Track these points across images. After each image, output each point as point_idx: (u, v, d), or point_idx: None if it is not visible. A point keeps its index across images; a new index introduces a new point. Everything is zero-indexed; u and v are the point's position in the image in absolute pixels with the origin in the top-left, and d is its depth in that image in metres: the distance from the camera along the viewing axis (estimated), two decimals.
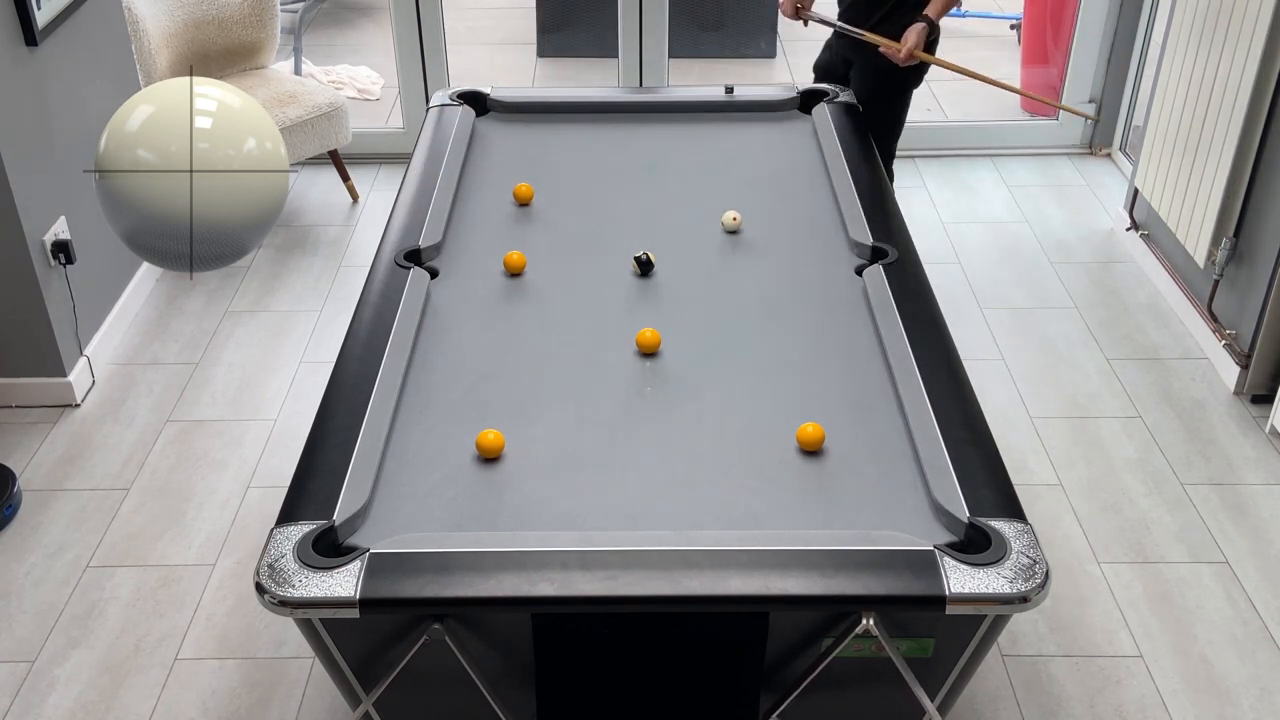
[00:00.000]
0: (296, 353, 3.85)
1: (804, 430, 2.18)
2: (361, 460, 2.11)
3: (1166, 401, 3.58)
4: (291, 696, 2.68)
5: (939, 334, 2.47)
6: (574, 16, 6.15)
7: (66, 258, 3.50)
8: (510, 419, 2.27)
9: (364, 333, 2.48)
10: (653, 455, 2.19)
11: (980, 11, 6.85)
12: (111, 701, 2.67)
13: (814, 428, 2.18)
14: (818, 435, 2.18)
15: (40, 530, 3.13)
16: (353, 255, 4.40)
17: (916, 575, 1.85)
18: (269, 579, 1.85)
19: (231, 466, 3.35)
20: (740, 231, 2.31)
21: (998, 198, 4.77)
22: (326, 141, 4.56)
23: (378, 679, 2.00)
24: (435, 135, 3.33)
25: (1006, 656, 2.76)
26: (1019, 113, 5.55)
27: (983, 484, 2.05)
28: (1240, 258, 3.63)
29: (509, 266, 2.74)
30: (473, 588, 1.84)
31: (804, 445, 2.19)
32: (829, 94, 3.57)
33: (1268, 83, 3.43)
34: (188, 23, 4.40)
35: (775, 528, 2.00)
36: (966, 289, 4.14)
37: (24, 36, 3.29)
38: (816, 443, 2.18)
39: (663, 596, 1.83)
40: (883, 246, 2.77)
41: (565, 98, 3.60)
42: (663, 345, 2.48)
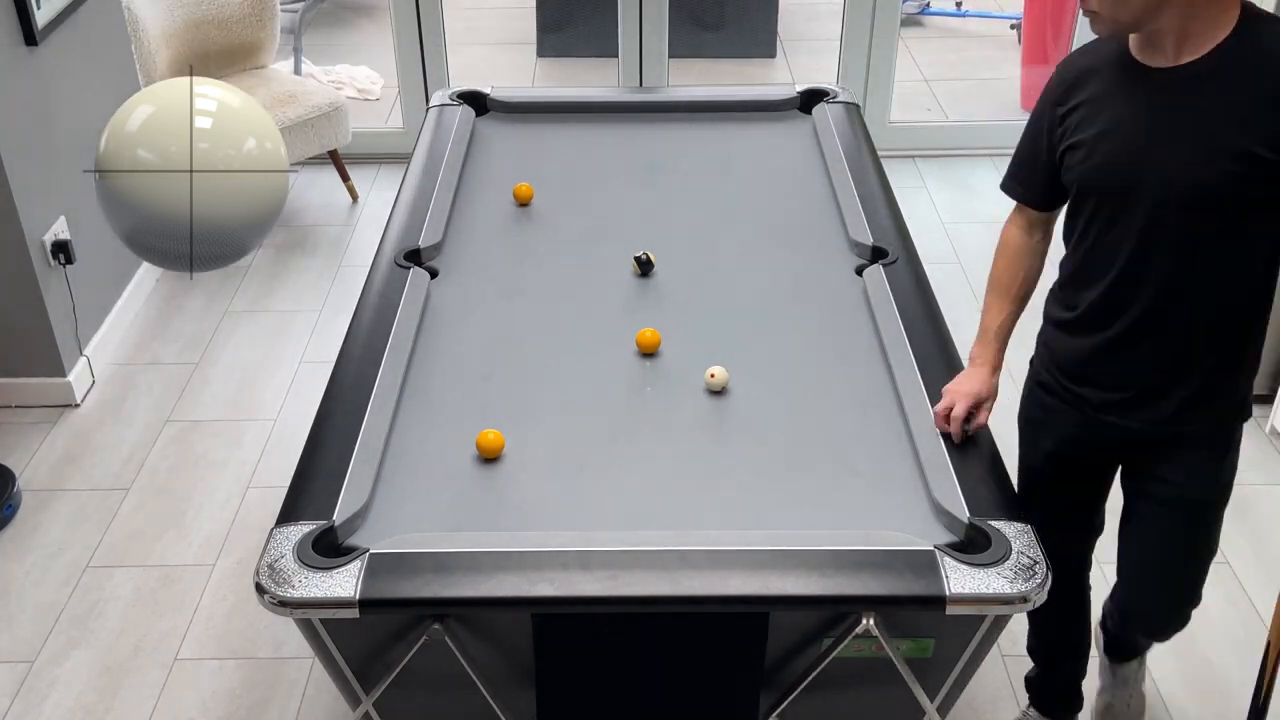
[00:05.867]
0: (296, 353, 3.85)
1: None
2: (361, 460, 2.11)
3: None
4: (291, 696, 2.68)
5: (939, 334, 2.48)
6: (574, 16, 6.14)
7: (66, 258, 3.50)
8: (510, 419, 2.27)
9: (364, 333, 2.47)
10: (653, 455, 2.19)
11: (980, 11, 6.85)
12: (111, 701, 2.67)
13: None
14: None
15: (40, 530, 3.13)
16: (353, 255, 4.40)
17: (916, 575, 1.85)
18: (269, 579, 1.85)
19: (231, 466, 3.35)
20: (726, 390, 2.32)
21: (998, 198, 4.75)
22: (326, 141, 4.56)
23: (378, 679, 2.00)
24: (435, 135, 3.33)
25: (1006, 656, 2.76)
26: (1019, 113, 5.55)
27: (983, 484, 2.05)
28: None
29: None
30: (473, 588, 1.84)
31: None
32: (829, 94, 3.57)
33: None
34: (188, 23, 4.40)
35: (775, 528, 2.00)
36: (966, 289, 4.14)
37: (24, 36, 3.30)
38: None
39: (663, 596, 1.83)
40: (883, 246, 2.77)
41: (565, 98, 3.60)
42: (663, 345, 2.48)
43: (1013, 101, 5.64)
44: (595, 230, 2.94)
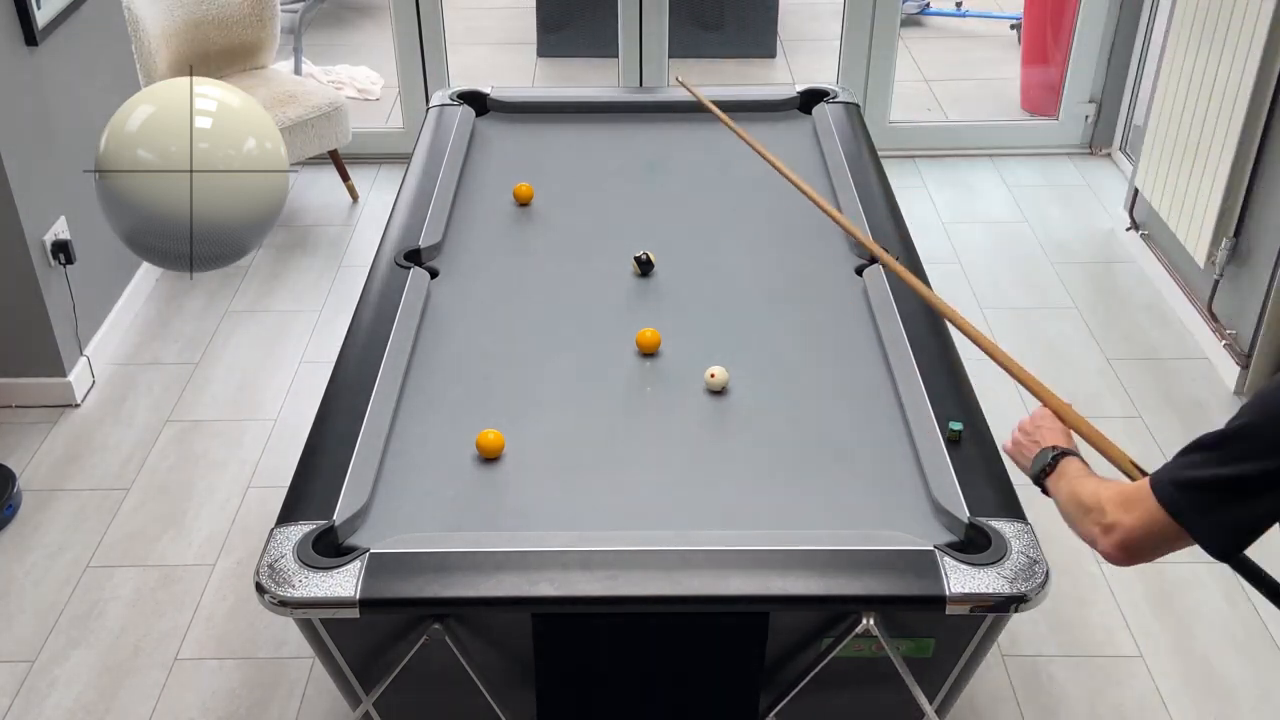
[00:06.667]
0: (296, 353, 3.85)
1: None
2: (361, 460, 2.11)
3: (1166, 401, 3.58)
4: (291, 696, 2.68)
5: (939, 334, 2.47)
6: (574, 16, 6.14)
7: (66, 258, 3.50)
8: (510, 419, 2.27)
9: (364, 333, 2.47)
10: (653, 455, 2.19)
11: (980, 11, 6.85)
12: (111, 701, 2.67)
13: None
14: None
15: (40, 530, 3.13)
16: (353, 255, 4.40)
17: (916, 575, 1.85)
18: (269, 579, 1.85)
19: (231, 466, 3.35)
20: (726, 391, 2.31)
21: (998, 198, 4.77)
22: (326, 141, 4.56)
23: (378, 679, 2.00)
24: (435, 135, 3.33)
25: (1006, 656, 2.76)
26: (1019, 113, 5.55)
27: (983, 484, 2.05)
28: (1240, 258, 3.63)
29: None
30: (473, 588, 1.84)
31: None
32: (829, 94, 3.57)
33: (1268, 83, 3.43)
34: (187, 22, 4.40)
35: (775, 528, 2.00)
36: (966, 289, 4.14)
37: (24, 36, 3.29)
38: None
39: (663, 596, 1.83)
40: (882, 246, 2.77)
41: (565, 98, 3.60)
42: (663, 345, 2.48)
43: (1013, 101, 5.64)
44: (595, 230, 2.94)
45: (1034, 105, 5.44)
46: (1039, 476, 1.73)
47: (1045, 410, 1.83)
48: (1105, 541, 1.54)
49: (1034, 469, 1.74)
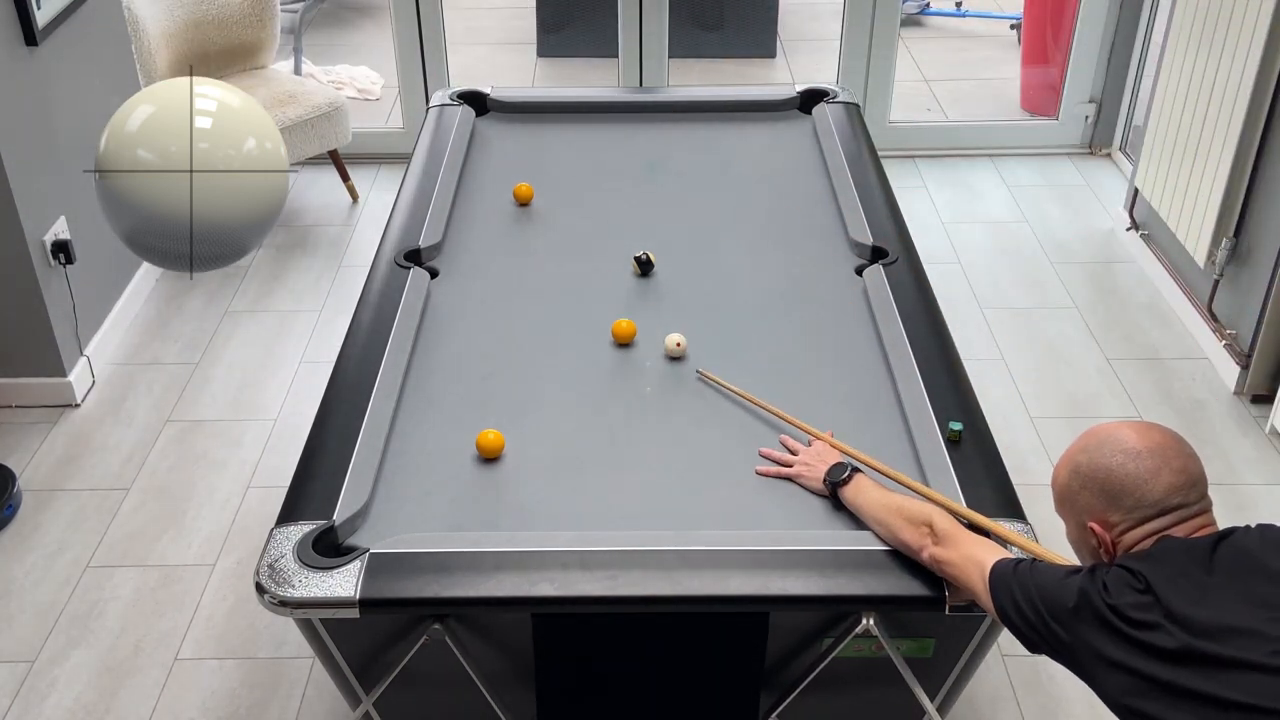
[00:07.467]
0: (296, 353, 3.85)
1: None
2: (361, 460, 2.11)
3: (1166, 402, 3.58)
4: (291, 696, 2.68)
5: (939, 334, 2.47)
6: (574, 16, 6.14)
7: (66, 258, 3.50)
8: (510, 419, 2.27)
9: (364, 333, 2.47)
10: (653, 455, 2.19)
11: (980, 11, 6.85)
12: (111, 701, 2.67)
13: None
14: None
15: (40, 530, 3.13)
16: (353, 255, 4.40)
17: (916, 575, 1.85)
18: (269, 579, 1.85)
19: (231, 466, 3.35)
20: (685, 357, 2.34)
21: (998, 198, 4.77)
22: (326, 141, 4.56)
23: (378, 679, 2.00)
24: (435, 135, 3.33)
25: (1006, 656, 2.76)
26: (1019, 113, 5.55)
27: (983, 484, 2.05)
28: (1240, 258, 3.63)
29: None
30: (473, 588, 1.84)
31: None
32: (829, 94, 3.57)
33: (1268, 83, 3.43)
34: (187, 23, 4.40)
35: (775, 528, 2.00)
36: (966, 289, 4.14)
37: (24, 36, 3.29)
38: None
39: (663, 596, 1.83)
40: (883, 246, 2.77)
41: (565, 98, 3.60)
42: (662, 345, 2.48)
43: (1013, 101, 5.64)
44: (595, 230, 2.94)
45: (1034, 105, 5.44)
46: (835, 486, 2.02)
47: (821, 444, 2.13)
48: (930, 553, 1.81)
49: (832, 478, 2.03)
